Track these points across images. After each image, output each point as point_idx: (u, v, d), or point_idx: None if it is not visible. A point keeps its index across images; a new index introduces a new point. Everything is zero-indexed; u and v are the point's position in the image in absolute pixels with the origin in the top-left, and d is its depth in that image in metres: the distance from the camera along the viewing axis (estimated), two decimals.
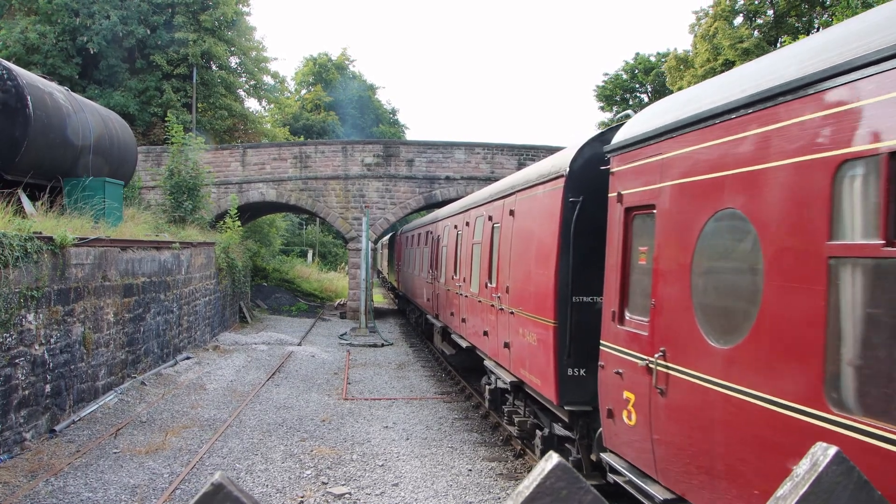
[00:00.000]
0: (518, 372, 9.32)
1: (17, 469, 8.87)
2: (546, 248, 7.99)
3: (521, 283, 9.10)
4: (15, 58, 31.51)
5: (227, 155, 30.01)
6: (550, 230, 7.90)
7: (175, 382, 14.73)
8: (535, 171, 9.16)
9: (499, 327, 10.34)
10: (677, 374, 5.22)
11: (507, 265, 9.85)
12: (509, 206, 10.06)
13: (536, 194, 8.69)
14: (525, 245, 9.03)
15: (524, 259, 8.98)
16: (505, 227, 10.21)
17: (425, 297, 20.61)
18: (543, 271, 8.02)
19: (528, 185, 9.22)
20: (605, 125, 54.55)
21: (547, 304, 7.83)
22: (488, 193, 12.13)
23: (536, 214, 8.67)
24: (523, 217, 9.34)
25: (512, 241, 9.67)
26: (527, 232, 9.02)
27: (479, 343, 12.03)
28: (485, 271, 11.51)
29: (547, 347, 7.86)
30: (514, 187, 9.98)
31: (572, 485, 0.84)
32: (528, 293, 8.70)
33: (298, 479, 9.09)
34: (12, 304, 9.38)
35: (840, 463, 0.98)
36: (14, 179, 13.32)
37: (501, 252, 10.26)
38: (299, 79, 75.19)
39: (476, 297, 12.21)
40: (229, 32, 39.92)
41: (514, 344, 9.48)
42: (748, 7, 36.46)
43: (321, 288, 42.40)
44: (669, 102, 6.25)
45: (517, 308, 9.19)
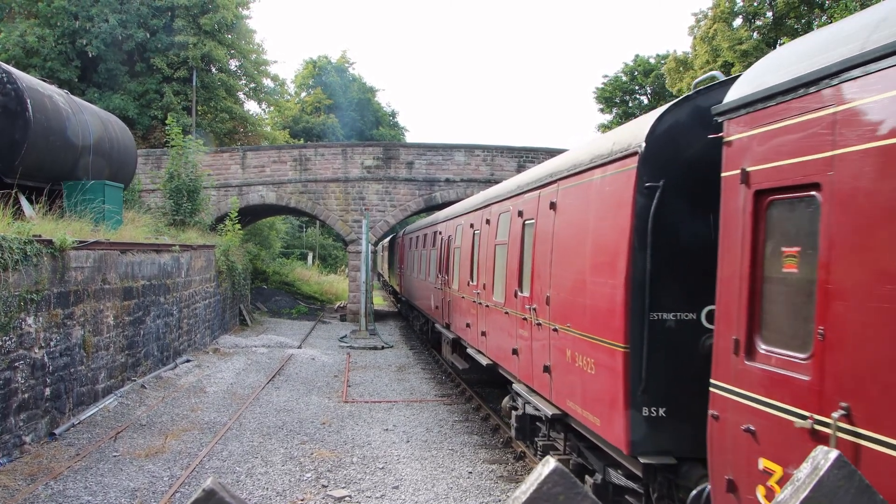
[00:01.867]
0: (562, 403, 7.64)
1: (17, 472, 8.85)
2: (610, 250, 6.32)
3: (569, 293, 7.41)
4: (14, 61, 31.55)
5: (226, 158, 30.03)
6: (617, 226, 6.21)
7: (175, 385, 14.71)
8: (588, 151, 7.37)
9: (534, 346, 8.63)
10: (879, 447, 3.44)
11: (545, 271, 8.19)
12: (548, 197, 8.32)
13: (592, 181, 6.95)
14: (574, 246, 7.35)
15: (573, 263, 7.33)
16: (542, 223, 8.53)
17: (433, 304, 18.87)
18: (607, 279, 6.34)
19: (577, 169, 7.44)
20: (604, 127, 54.63)
21: (613, 323, 6.15)
22: (516, 185, 10.36)
23: (593, 206, 6.90)
24: (571, 210, 7.60)
25: (553, 242, 7.95)
26: (577, 229, 7.33)
27: (506, 362, 10.32)
28: (513, 277, 9.76)
29: (612, 378, 6.17)
30: (554, 174, 8.24)
31: (570, 490, 0.83)
32: (581, 306, 6.99)
33: (298, 481, 9.07)
34: (12, 307, 9.36)
35: (841, 467, 0.97)
36: (13, 182, 13.32)
37: (537, 255, 8.58)
38: (299, 81, 75.28)
39: (501, 307, 10.42)
40: (229, 35, 39.96)
41: (557, 368, 7.77)
42: (747, 9, 36.50)
43: (321, 290, 42.41)
44: (840, 28, 4.29)
45: (563, 324, 7.48)
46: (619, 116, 54.09)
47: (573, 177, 7.56)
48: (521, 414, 9.38)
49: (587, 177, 7.12)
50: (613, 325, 6.13)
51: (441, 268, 17.23)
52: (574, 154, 8.09)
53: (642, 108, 52.77)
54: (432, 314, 19.21)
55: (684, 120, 5.91)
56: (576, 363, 7.06)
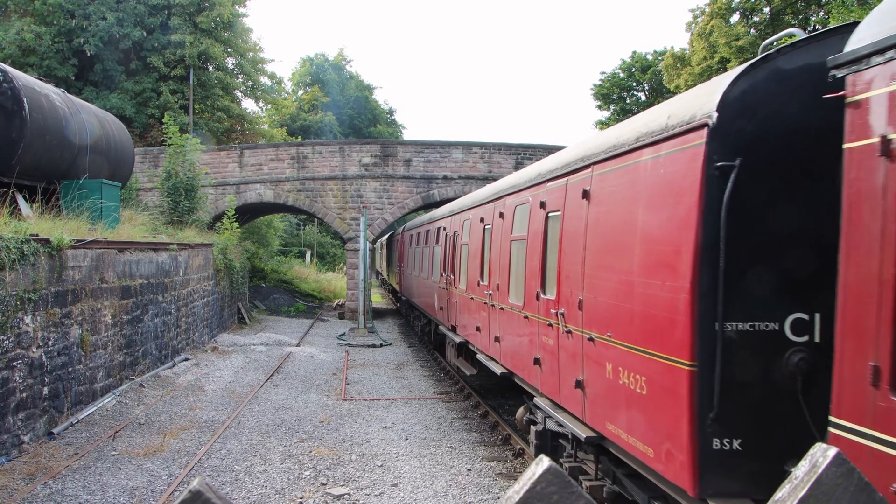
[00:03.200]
0: (599, 425, 6.57)
1: (15, 472, 8.84)
2: (668, 246, 5.34)
3: (610, 297, 6.33)
4: (11, 59, 31.50)
5: (224, 156, 30.00)
6: (677, 217, 5.18)
7: (173, 384, 14.70)
8: (632, 129, 6.26)
9: (562, 357, 7.65)
10: None
11: (576, 270, 7.18)
12: (578, 186, 7.25)
13: (640, 163, 5.89)
14: (616, 241, 6.30)
15: (615, 262, 6.27)
16: (571, 216, 7.45)
17: (436, 305, 17.77)
18: (664, 282, 5.33)
19: (617, 150, 6.33)
20: (602, 124, 54.63)
21: (674, 334, 5.15)
22: (536, 172, 9.29)
23: (642, 193, 5.82)
24: (610, 200, 6.50)
25: (587, 237, 6.90)
26: (619, 222, 6.26)
27: (525, 372, 9.30)
28: (534, 277, 8.74)
29: (673, 401, 5.17)
30: (587, 158, 7.19)
31: (564, 489, 0.82)
32: (628, 314, 5.93)
33: (297, 479, 9.06)
34: (9, 306, 9.35)
35: (840, 464, 0.96)
36: (10, 181, 13.29)
37: (566, 252, 7.56)
38: (296, 79, 75.22)
39: (519, 311, 9.43)
40: (226, 34, 39.89)
41: (593, 384, 6.75)
42: (744, 5, 36.47)
43: (319, 288, 42.39)
44: None
45: (601, 334, 6.45)
46: (616, 113, 54.09)
47: (612, 160, 6.45)
48: (542, 430, 8.55)
49: (632, 159, 6.04)
50: (675, 338, 5.13)
51: (446, 266, 16.30)
52: (612, 133, 6.94)
53: (640, 105, 52.79)
54: (436, 315, 18.24)
55: (763, 85, 4.89)
56: (619, 380, 6.04)
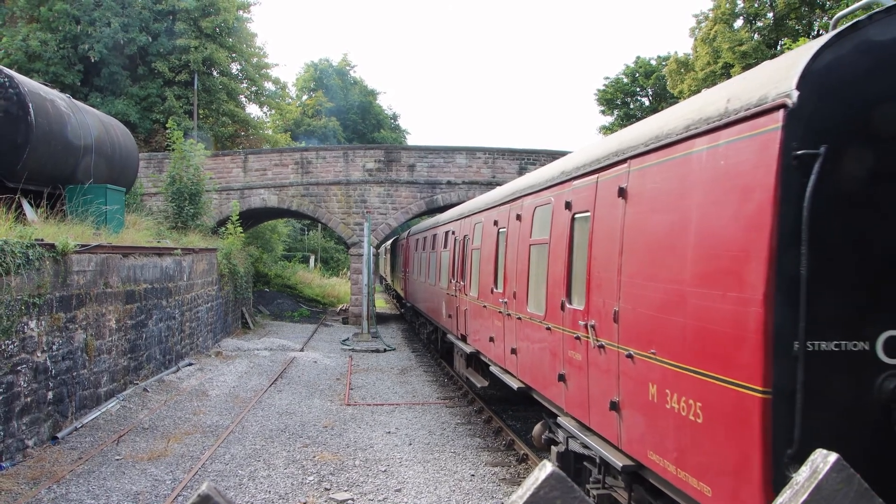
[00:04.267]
0: (639, 454, 5.85)
1: (20, 476, 8.86)
2: (732, 250, 4.59)
3: (654, 308, 5.63)
4: (17, 65, 31.62)
5: (228, 161, 30.07)
6: (744, 216, 4.47)
7: (177, 389, 14.72)
8: (680, 115, 5.57)
9: (593, 374, 6.92)
10: None
11: (609, 278, 6.48)
12: (612, 183, 6.56)
13: (692, 155, 5.20)
14: (661, 246, 5.61)
15: (660, 269, 5.59)
16: (604, 216, 6.76)
17: (444, 313, 16.93)
18: (727, 292, 4.61)
19: (661, 142, 5.66)
20: (605, 129, 54.64)
21: (742, 354, 4.40)
22: (559, 170, 8.52)
23: (695, 189, 5.13)
24: (653, 198, 5.83)
25: (623, 240, 6.23)
26: (665, 222, 5.58)
27: (547, 389, 8.62)
28: (558, 285, 8.02)
29: (741, 433, 4.40)
30: (622, 152, 6.44)
31: (567, 494, 0.83)
32: (677, 328, 5.24)
33: (301, 485, 9.07)
34: (14, 311, 9.38)
35: (840, 470, 0.97)
36: (16, 186, 13.34)
37: (596, 257, 6.87)
38: (300, 84, 75.41)
39: (540, 321, 8.71)
40: (230, 39, 40.01)
41: (631, 407, 6.04)
42: (748, 10, 36.49)
43: (323, 293, 42.46)
44: None
45: (643, 350, 5.76)
46: (620, 118, 54.06)
47: (655, 152, 5.76)
48: (564, 451, 7.84)
49: (680, 150, 5.39)
50: (743, 359, 4.40)
51: (455, 272, 15.47)
52: (653, 122, 6.21)
53: (643, 110, 52.78)
54: (443, 323, 17.35)
55: (851, 57, 4.18)
56: (666, 404, 5.35)
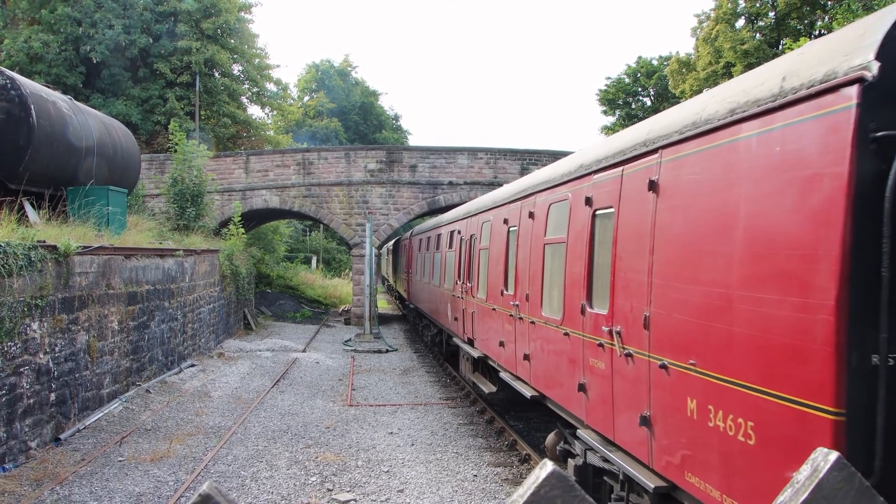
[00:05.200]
0: (675, 475, 5.33)
1: (23, 478, 8.87)
2: (795, 250, 4.07)
3: (693, 314, 5.11)
4: (19, 67, 31.68)
5: (230, 162, 30.10)
6: (809, 210, 3.98)
7: (180, 390, 14.74)
8: (722, 98, 5.04)
9: (618, 384, 6.45)
10: None
11: (638, 280, 6.00)
12: (642, 176, 6.00)
13: (739, 141, 4.67)
14: (701, 244, 5.07)
15: (701, 270, 5.05)
16: (630, 213, 6.25)
17: (450, 315, 16.46)
18: (787, 297, 4.10)
19: (701, 128, 5.12)
20: (607, 129, 54.63)
21: (807, 369, 3.94)
22: (577, 164, 7.95)
23: (744, 181, 4.58)
24: (690, 191, 5.28)
25: (655, 238, 5.72)
26: (706, 219, 5.05)
27: (565, 399, 8.08)
28: (577, 287, 7.52)
29: None
30: (654, 140, 5.86)
31: (567, 493, 0.83)
32: (722, 336, 4.73)
33: (303, 485, 9.07)
34: (17, 312, 9.39)
35: (841, 469, 0.97)
36: (18, 188, 13.37)
37: (622, 257, 6.36)
38: (302, 85, 75.51)
39: (556, 326, 8.24)
40: (232, 40, 40.05)
41: (665, 422, 5.52)
42: (750, 10, 36.46)
43: (325, 294, 42.47)
44: None
45: (679, 360, 5.25)
46: (621, 118, 54.05)
47: (693, 140, 5.23)
48: (583, 464, 7.41)
49: (724, 137, 4.85)
50: (809, 374, 3.92)
51: (461, 272, 14.98)
52: (689, 108, 5.62)
53: (645, 110, 52.77)
54: (448, 326, 16.83)
55: None
56: (709, 422, 4.83)
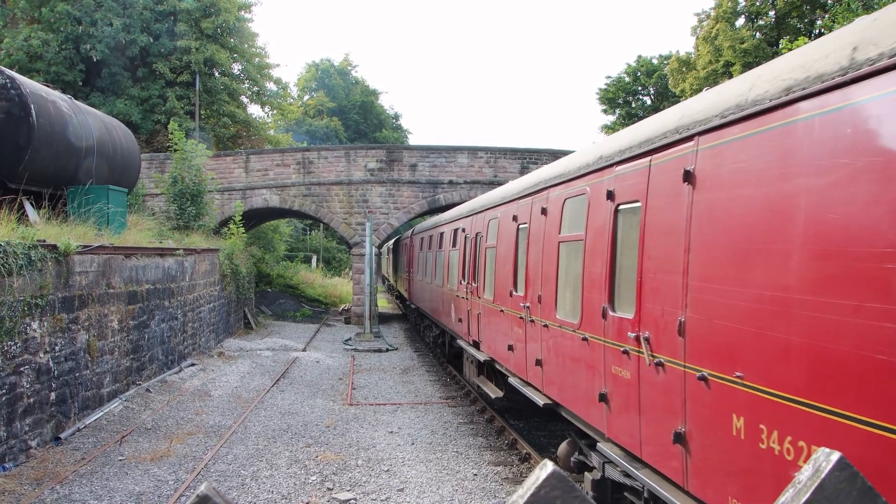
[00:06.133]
0: (717, 500, 4.84)
1: (23, 477, 8.87)
2: (868, 248, 3.61)
3: (741, 320, 4.55)
4: (18, 66, 31.65)
5: (230, 161, 30.10)
6: (891, 202, 3.51)
7: (180, 389, 14.73)
8: (772, 76, 4.49)
9: (647, 395, 5.89)
10: None
11: (670, 281, 5.50)
12: (674, 166, 5.51)
13: (796, 124, 4.14)
14: (750, 241, 4.51)
15: (750, 271, 4.50)
16: (659, 207, 5.75)
17: (453, 316, 15.93)
18: (865, 302, 3.61)
19: (747, 110, 4.59)
20: (607, 128, 54.64)
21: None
22: (595, 155, 7.41)
23: (802, 169, 4.05)
24: (735, 181, 4.72)
25: (691, 235, 5.18)
26: (754, 212, 4.50)
27: (583, 409, 7.54)
28: (596, 288, 7.01)
29: None
30: (688, 126, 5.36)
31: (567, 494, 0.83)
32: (780, 346, 4.16)
33: (304, 484, 9.07)
34: (17, 312, 9.39)
35: (843, 469, 0.96)
36: (18, 187, 13.37)
37: (650, 256, 5.87)
38: (302, 84, 75.51)
39: (573, 330, 7.72)
40: (232, 39, 40.03)
41: (704, 441, 4.98)
42: (749, 9, 36.44)
43: (325, 293, 42.48)
44: None
45: (724, 372, 4.71)
46: (622, 117, 54.04)
47: (738, 124, 4.71)
48: (601, 479, 6.97)
49: (777, 119, 4.30)
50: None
51: (466, 272, 14.47)
52: (733, 87, 5.04)
53: (645, 109, 52.74)
54: (452, 327, 16.32)
55: None
56: (760, 444, 4.31)
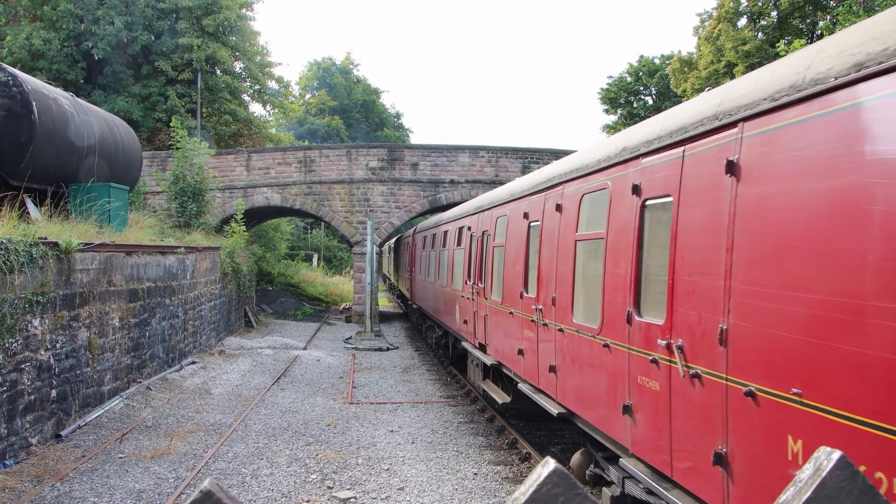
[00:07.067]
0: None
1: (23, 474, 8.88)
2: None
3: (800, 329, 3.99)
4: (20, 63, 31.69)
5: (231, 159, 30.11)
6: None
7: (180, 387, 14.74)
8: (837, 51, 3.99)
9: (677, 409, 5.38)
10: None
11: (709, 284, 4.95)
12: (715, 156, 4.99)
13: (862, 105, 3.73)
14: (810, 240, 4.00)
15: (813, 273, 3.95)
16: (695, 203, 5.27)
17: (458, 318, 15.43)
18: None
19: (803, 92, 4.12)
20: (609, 128, 54.63)
21: None
22: (618, 146, 6.85)
23: (875, 157, 3.64)
24: (792, 173, 4.18)
25: (735, 234, 4.68)
26: (817, 208, 3.98)
27: (604, 421, 6.92)
28: (620, 290, 6.45)
29: None
30: (730, 112, 4.87)
31: (569, 491, 0.83)
32: (852, 362, 3.64)
33: (304, 483, 9.08)
34: (18, 309, 9.40)
35: (844, 468, 0.97)
36: (19, 185, 13.37)
37: (684, 257, 5.36)
38: (303, 83, 75.55)
39: (592, 335, 7.14)
40: (233, 37, 40.07)
41: (750, 463, 4.47)
42: (752, 9, 36.42)
43: (326, 292, 42.50)
44: None
45: (777, 388, 4.14)
46: (623, 117, 54.03)
47: (794, 107, 4.19)
48: (620, 495, 6.53)
49: (846, 100, 3.80)
50: None
51: (472, 272, 14.03)
52: (784, 67, 4.51)
53: (647, 109, 52.73)
54: (456, 329, 15.86)
55: None
56: None
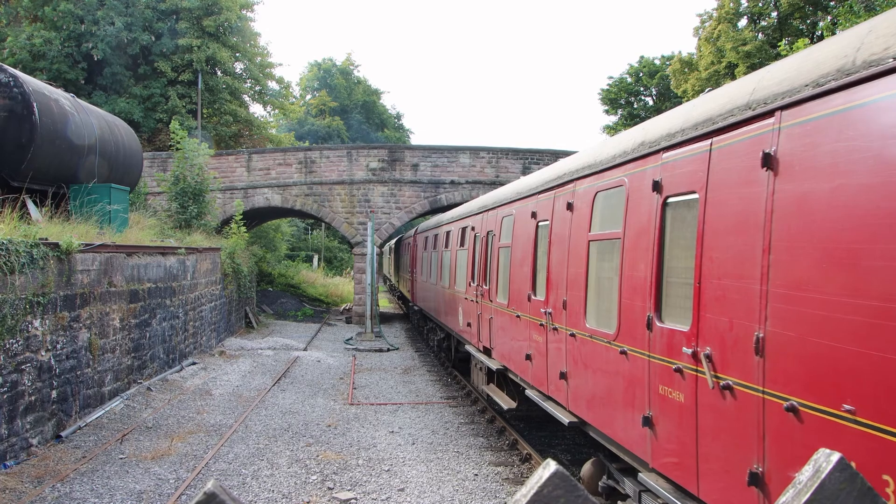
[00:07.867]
0: None
1: (24, 475, 8.88)
2: None
3: (854, 338, 3.60)
4: (21, 64, 31.73)
5: (232, 160, 30.12)
6: None
7: (181, 388, 14.75)
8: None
9: (705, 423, 4.95)
10: None
11: (742, 289, 4.54)
12: (749, 149, 4.57)
13: None
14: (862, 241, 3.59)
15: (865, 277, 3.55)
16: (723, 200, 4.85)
17: (461, 320, 15.09)
18: None
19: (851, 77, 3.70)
20: (609, 129, 54.63)
21: None
22: (635, 140, 6.51)
23: None
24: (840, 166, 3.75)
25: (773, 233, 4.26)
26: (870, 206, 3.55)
27: (621, 433, 6.47)
28: (638, 294, 6.06)
29: None
30: (764, 101, 4.45)
31: (570, 493, 0.83)
32: None
33: (304, 484, 9.08)
34: (18, 310, 9.41)
35: (843, 469, 0.97)
36: (20, 185, 13.38)
37: (712, 258, 4.94)
38: (304, 84, 75.59)
39: (608, 341, 6.72)
40: (234, 38, 40.08)
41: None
42: (752, 9, 36.42)
43: (327, 293, 42.50)
44: None
45: (826, 404, 3.77)
46: (624, 118, 54.02)
47: (842, 92, 3.76)
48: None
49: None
50: None
51: (476, 273, 13.67)
52: (826, 50, 4.07)
53: (647, 110, 52.74)
54: (459, 331, 15.53)
55: None
56: (888, 500, 3.42)
